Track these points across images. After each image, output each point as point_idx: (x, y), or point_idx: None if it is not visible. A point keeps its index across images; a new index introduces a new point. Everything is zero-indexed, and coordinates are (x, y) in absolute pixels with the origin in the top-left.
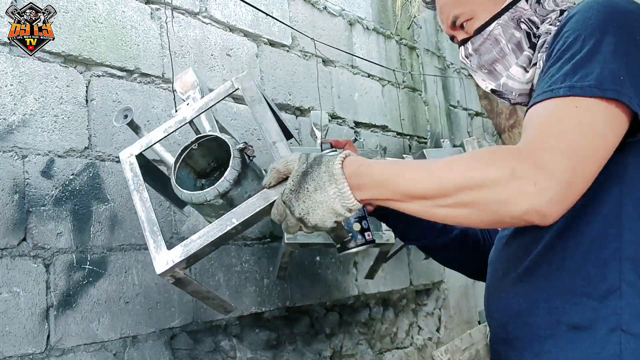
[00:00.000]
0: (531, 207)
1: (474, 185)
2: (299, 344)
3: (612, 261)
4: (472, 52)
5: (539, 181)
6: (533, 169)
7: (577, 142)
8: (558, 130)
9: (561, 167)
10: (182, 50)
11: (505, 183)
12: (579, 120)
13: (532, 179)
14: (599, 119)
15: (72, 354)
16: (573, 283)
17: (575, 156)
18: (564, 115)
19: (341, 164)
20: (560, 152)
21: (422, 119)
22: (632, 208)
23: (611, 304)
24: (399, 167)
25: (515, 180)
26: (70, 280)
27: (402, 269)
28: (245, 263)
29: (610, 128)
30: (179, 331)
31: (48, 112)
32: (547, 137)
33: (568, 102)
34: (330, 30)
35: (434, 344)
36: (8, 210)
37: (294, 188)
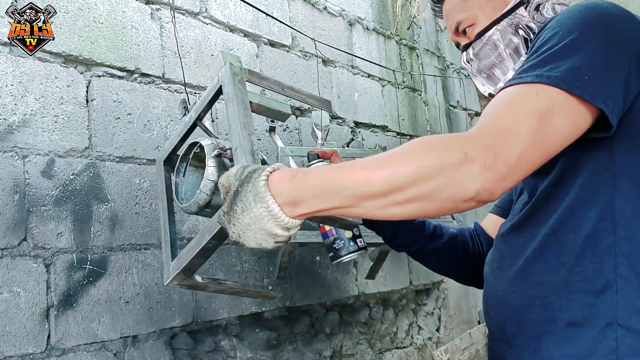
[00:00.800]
0: (482, 186)
1: (429, 174)
2: (299, 343)
3: (607, 257)
4: (473, 57)
5: (488, 161)
6: (484, 149)
7: (529, 127)
8: (514, 112)
9: (509, 148)
10: (182, 50)
11: (458, 167)
12: (537, 107)
13: (483, 160)
14: (557, 110)
15: (73, 353)
16: (569, 279)
17: (524, 140)
18: (522, 100)
19: (266, 181)
20: (511, 134)
21: (422, 119)
22: (625, 204)
23: (607, 299)
24: (342, 170)
25: (467, 163)
26: (70, 280)
27: (402, 269)
28: (245, 263)
29: (566, 121)
30: (179, 331)
31: (48, 112)
32: (502, 118)
33: (530, 88)
34: (330, 30)
35: (433, 344)
36: (8, 210)
37: (226, 210)
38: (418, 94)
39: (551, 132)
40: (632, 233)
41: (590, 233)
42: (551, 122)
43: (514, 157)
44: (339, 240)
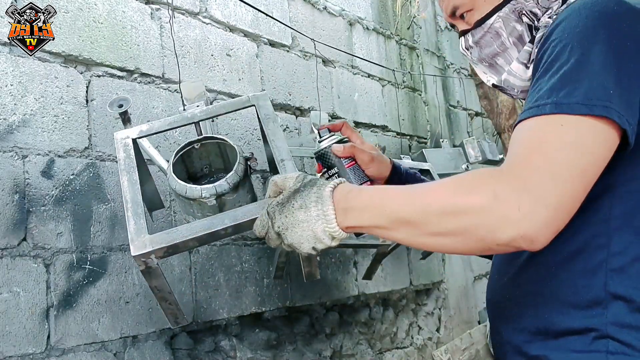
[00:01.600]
0: (517, 233)
1: (457, 212)
2: (299, 343)
3: (598, 272)
4: (473, 45)
5: (523, 205)
6: (516, 191)
7: (563, 162)
8: (543, 150)
9: (547, 189)
10: (182, 50)
11: (488, 209)
12: (565, 139)
13: (516, 203)
14: (587, 137)
15: (72, 353)
16: (560, 292)
17: (562, 177)
18: (549, 135)
19: (333, 188)
20: (546, 173)
21: (422, 119)
22: (621, 219)
23: (597, 313)
24: (387, 191)
25: (498, 205)
26: (70, 280)
27: (402, 269)
28: (245, 263)
29: (598, 145)
30: (179, 331)
31: (48, 112)
32: (532, 158)
33: (554, 120)
34: (330, 30)
35: (433, 344)
36: (8, 210)
37: (281, 201)
38: (418, 94)
39: (588, 160)
40: (626, 250)
41: (582, 247)
42: (586, 151)
43: (555, 198)
44: None
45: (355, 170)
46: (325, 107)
